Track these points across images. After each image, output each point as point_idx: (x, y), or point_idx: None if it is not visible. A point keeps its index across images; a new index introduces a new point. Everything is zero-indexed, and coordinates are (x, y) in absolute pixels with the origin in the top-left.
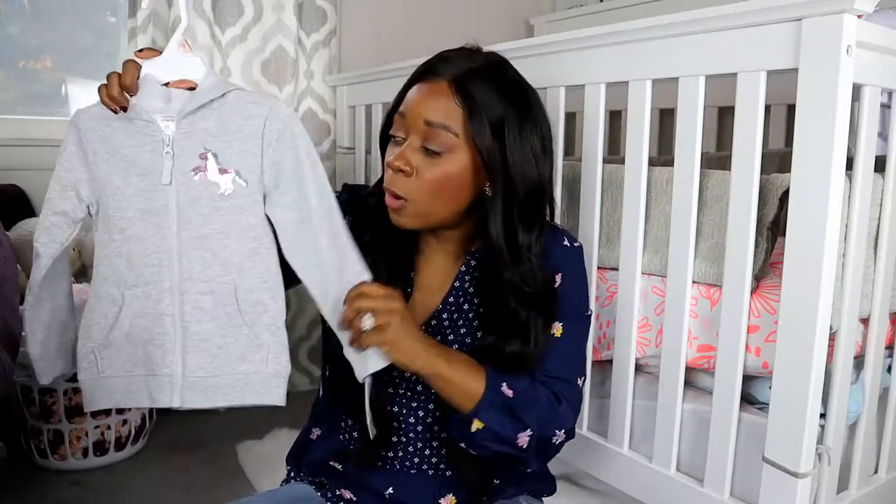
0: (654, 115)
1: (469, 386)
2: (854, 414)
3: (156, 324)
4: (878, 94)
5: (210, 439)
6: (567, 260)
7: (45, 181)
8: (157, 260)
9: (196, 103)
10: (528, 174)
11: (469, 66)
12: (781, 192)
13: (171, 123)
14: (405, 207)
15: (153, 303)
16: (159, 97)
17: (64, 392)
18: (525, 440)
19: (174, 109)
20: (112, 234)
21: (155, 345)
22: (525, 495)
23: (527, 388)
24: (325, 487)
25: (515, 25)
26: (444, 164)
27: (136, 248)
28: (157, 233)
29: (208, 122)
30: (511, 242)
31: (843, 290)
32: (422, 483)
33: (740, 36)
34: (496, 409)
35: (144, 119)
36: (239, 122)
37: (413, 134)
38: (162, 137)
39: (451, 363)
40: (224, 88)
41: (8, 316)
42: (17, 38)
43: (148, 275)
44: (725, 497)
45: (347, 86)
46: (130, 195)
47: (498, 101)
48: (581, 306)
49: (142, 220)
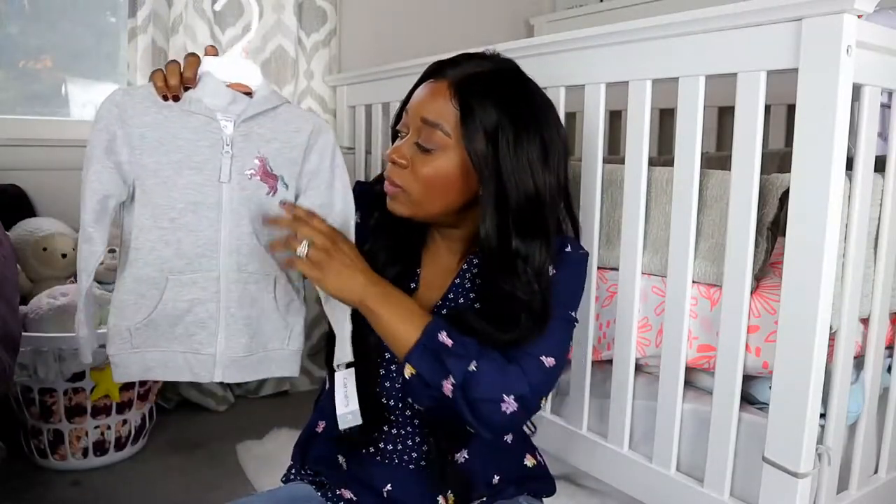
0: (654, 115)
1: (407, 330)
2: (854, 414)
3: (202, 309)
4: (878, 94)
5: (210, 439)
6: (562, 262)
7: (45, 181)
8: (207, 251)
9: (255, 109)
10: (522, 183)
11: (473, 71)
12: (781, 192)
13: (230, 124)
14: (399, 196)
15: (199, 289)
16: (224, 96)
17: (64, 392)
18: (449, 388)
19: (234, 111)
20: (159, 221)
21: (198, 326)
22: (525, 495)
23: (469, 343)
24: (324, 487)
25: (515, 25)
26: (435, 161)
27: (186, 237)
28: (210, 226)
29: (263, 128)
30: (504, 248)
31: (843, 290)
32: (420, 480)
33: (740, 36)
34: (427, 353)
35: (206, 115)
36: (289, 132)
37: (412, 128)
38: (222, 136)
39: (389, 304)
40: (278, 100)
41: (8, 316)
42: (17, 38)
43: (197, 264)
44: (725, 497)
45: (347, 86)
46: (182, 186)
47: (493, 108)
48: (567, 304)
49: (194, 212)
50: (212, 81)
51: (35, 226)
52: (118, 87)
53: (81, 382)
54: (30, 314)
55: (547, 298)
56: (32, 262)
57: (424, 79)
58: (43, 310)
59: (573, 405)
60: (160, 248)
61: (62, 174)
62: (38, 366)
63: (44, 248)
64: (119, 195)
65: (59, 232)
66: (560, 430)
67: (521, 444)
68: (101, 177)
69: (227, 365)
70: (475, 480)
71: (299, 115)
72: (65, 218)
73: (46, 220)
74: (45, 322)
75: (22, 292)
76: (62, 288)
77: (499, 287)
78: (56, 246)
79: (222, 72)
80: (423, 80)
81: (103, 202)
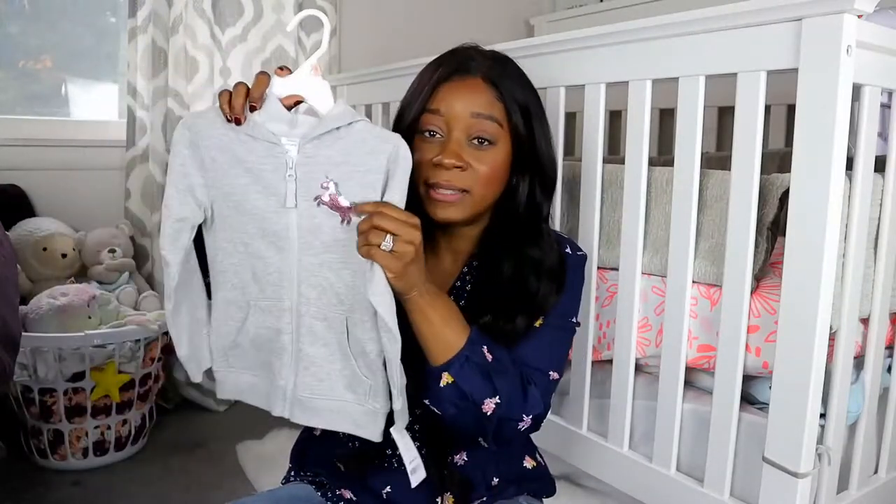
0: (654, 115)
1: (449, 336)
2: (854, 414)
3: (275, 337)
4: (878, 94)
5: (210, 439)
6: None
7: (45, 181)
8: (277, 280)
9: (322, 129)
10: (550, 155)
11: (493, 63)
12: (781, 192)
13: (294, 147)
14: (464, 199)
15: (274, 318)
16: (283, 121)
17: (64, 392)
18: (492, 407)
19: (298, 134)
20: (236, 245)
21: (275, 355)
22: (525, 495)
23: (505, 358)
24: (325, 487)
25: (515, 25)
26: (493, 154)
27: (258, 264)
28: (278, 254)
29: (331, 149)
30: (535, 220)
31: (843, 290)
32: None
33: (740, 36)
34: (471, 366)
35: (270, 140)
36: (362, 154)
37: (456, 129)
38: (286, 160)
39: (436, 307)
40: (352, 118)
41: (8, 316)
42: (17, 38)
43: (270, 291)
44: (725, 497)
45: (347, 86)
46: (250, 210)
47: (522, 93)
48: (569, 312)
49: (262, 238)
50: (273, 105)
51: (35, 226)
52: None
53: (81, 382)
54: (30, 314)
55: (562, 253)
56: (32, 262)
57: (442, 81)
58: (43, 310)
59: (573, 405)
60: (241, 271)
61: (62, 174)
62: (38, 366)
63: (44, 248)
64: (194, 218)
65: (59, 232)
66: (560, 430)
67: (522, 446)
68: (175, 200)
69: (295, 403)
70: (475, 482)
71: (377, 136)
72: (65, 218)
73: (46, 220)
74: (45, 322)
75: (22, 292)
76: (62, 288)
77: (526, 258)
78: (56, 246)
79: (289, 91)
80: (440, 82)
81: (178, 225)
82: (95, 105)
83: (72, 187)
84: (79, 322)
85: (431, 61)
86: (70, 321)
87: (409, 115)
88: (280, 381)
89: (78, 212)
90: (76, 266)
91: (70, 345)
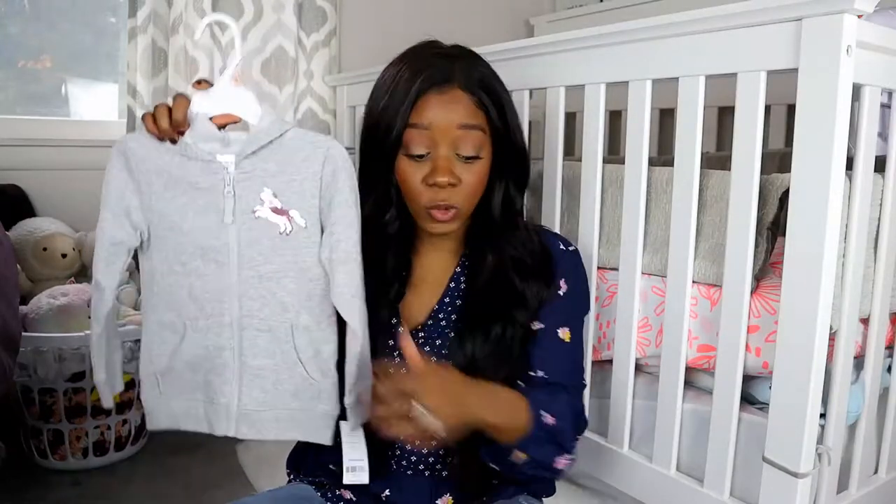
0: (654, 115)
1: (515, 425)
2: (854, 414)
3: (216, 355)
4: (878, 94)
5: (210, 439)
6: (568, 265)
7: (45, 181)
8: (217, 296)
9: (256, 145)
10: (521, 144)
11: (465, 66)
12: (781, 192)
13: (231, 164)
14: (457, 214)
15: (214, 335)
16: (216, 140)
17: (64, 392)
18: (564, 462)
19: (233, 151)
20: (172, 266)
21: (215, 374)
22: (525, 495)
23: (564, 408)
24: (325, 487)
25: (515, 25)
26: (479, 165)
27: (197, 282)
28: (218, 270)
29: (267, 162)
30: (508, 212)
31: (843, 290)
32: (419, 484)
33: (740, 36)
34: (540, 442)
35: (205, 159)
36: (298, 162)
37: (443, 144)
38: (223, 177)
39: (496, 410)
40: (282, 128)
41: (8, 316)
42: (17, 38)
43: (209, 309)
44: (725, 497)
45: (347, 86)
46: (188, 230)
47: (496, 89)
48: (584, 310)
49: (202, 256)
50: (202, 125)
51: (35, 226)
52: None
53: (81, 382)
54: (30, 314)
55: (544, 243)
56: (32, 262)
57: (420, 94)
58: (43, 310)
59: None
60: (177, 291)
61: (62, 174)
62: (38, 366)
63: (44, 248)
64: (130, 241)
65: (59, 232)
66: None
67: None
68: (111, 224)
69: (240, 419)
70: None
71: (310, 141)
72: (65, 218)
73: (46, 220)
74: (45, 322)
75: (22, 292)
76: (62, 288)
77: (505, 258)
78: (56, 246)
79: (213, 106)
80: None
81: (113, 249)
82: (95, 105)
83: (72, 187)
84: (79, 322)
85: (398, 67)
86: (70, 321)
87: (389, 131)
88: (222, 399)
89: (78, 212)
90: (76, 266)
91: (70, 345)
